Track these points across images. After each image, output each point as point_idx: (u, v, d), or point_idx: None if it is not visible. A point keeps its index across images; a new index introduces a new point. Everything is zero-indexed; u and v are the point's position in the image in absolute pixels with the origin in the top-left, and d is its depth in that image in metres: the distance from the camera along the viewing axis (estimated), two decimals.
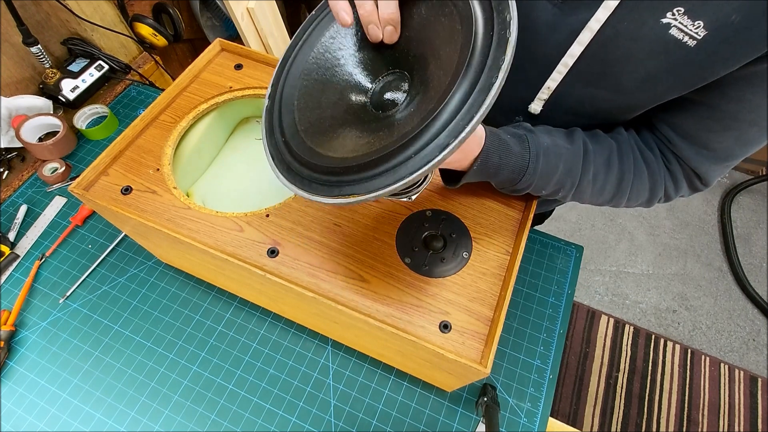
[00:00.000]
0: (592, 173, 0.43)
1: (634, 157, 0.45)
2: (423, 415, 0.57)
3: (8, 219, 0.71)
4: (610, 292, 1.56)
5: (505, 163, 0.41)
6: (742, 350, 1.45)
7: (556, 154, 0.42)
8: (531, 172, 0.41)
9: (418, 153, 0.29)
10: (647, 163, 0.45)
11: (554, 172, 0.42)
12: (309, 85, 0.38)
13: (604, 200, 0.46)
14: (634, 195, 0.46)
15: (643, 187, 0.45)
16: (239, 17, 1.21)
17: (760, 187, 1.81)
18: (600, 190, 0.45)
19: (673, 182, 0.46)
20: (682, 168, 0.45)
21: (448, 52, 0.31)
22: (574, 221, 1.73)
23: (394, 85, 0.37)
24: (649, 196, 0.46)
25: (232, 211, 0.49)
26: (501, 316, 0.41)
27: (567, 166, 0.42)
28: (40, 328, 0.62)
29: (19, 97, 0.79)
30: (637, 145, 0.46)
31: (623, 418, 1.32)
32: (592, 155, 0.43)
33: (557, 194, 0.45)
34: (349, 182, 0.31)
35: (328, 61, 0.38)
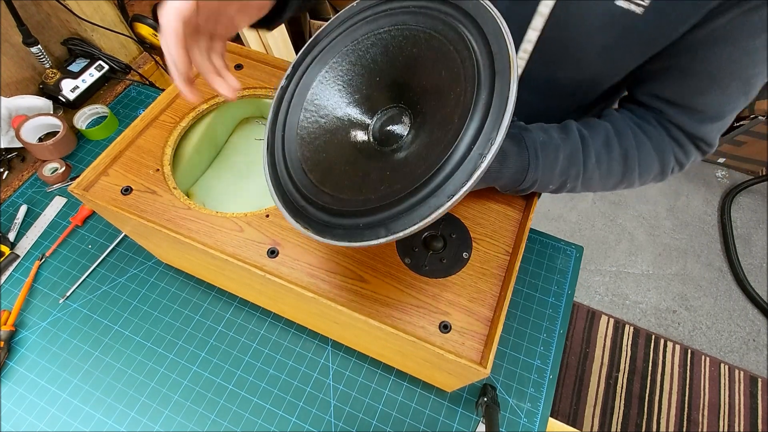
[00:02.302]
0: (594, 157, 0.43)
1: (632, 132, 0.45)
2: (423, 416, 0.57)
3: (8, 219, 0.71)
4: (610, 292, 1.56)
5: (505, 167, 0.41)
6: (742, 350, 1.45)
7: (554, 146, 0.42)
8: (533, 170, 0.41)
9: (438, 189, 0.29)
10: (648, 136, 0.45)
11: (556, 165, 0.42)
12: (310, 140, 0.38)
13: (616, 181, 0.46)
14: (644, 169, 0.45)
15: (651, 159, 0.45)
16: None
17: (760, 187, 1.81)
18: (607, 173, 0.44)
19: (681, 148, 0.45)
20: (684, 133, 0.45)
21: (450, 87, 0.32)
22: (574, 221, 1.73)
23: (395, 119, 0.37)
24: (660, 167, 0.46)
25: (232, 211, 0.49)
26: (501, 316, 0.41)
27: (568, 157, 0.42)
28: (40, 329, 0.62)
29: (19, 97, 0.79)
30: (632, 122, 0.46)
31: (623, 418, 1.32)
32: (590, 140, 0.43)
33: (565, 187, 0.45)
34: (370, 225, 0.31)
35: (322, 108, 0.39)
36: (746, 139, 1.70)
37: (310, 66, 0.39)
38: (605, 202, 1.78)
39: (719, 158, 1.86)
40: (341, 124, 0.38)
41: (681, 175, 1.85)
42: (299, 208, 0.35)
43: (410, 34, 0.35)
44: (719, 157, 1.85)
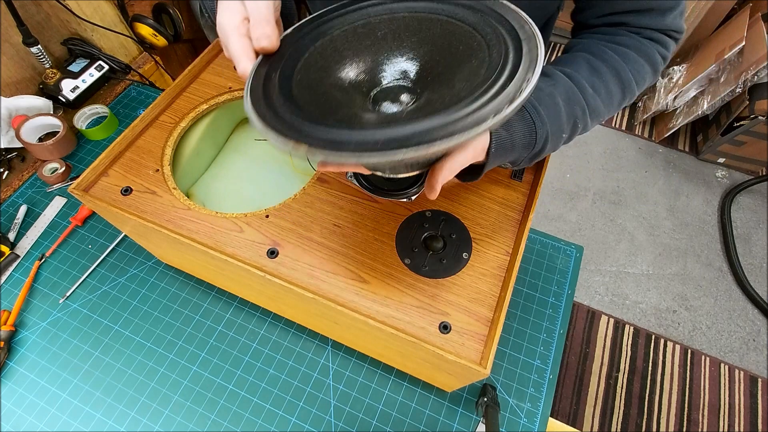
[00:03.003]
0: (590, 88, 0.43)
1: (610, 49, 0.45)
2: (423, 416, 0.57)
3: (8, 219, 0.71)
4: (610, 292, 1.56)
5: (514, 133, 0.40)
6: (742, 350, 1.45)
7: (548, 94, 0.41)
8: (540, 125, 0.40)
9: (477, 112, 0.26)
10: (626, 45, 0.45)
11: (559, 112, 0.41)
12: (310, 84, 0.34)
13: (619, 100, 0.46)
14: (639, 77, 0.45)
15: (640, 65, 0.45)
16: None
17: (760, 187, 1.81)
18: (608, 97, 0.44)
19: (658, 43, 0.46)
20: (653, 30, 0.46)
21: (471, 57, 0.31)
22: (574, 221, 1.73)
23: (399, 92, 0.35)
24: (652, 68, 0.46)
25: (231, 211, 0.49)
26: (501, 316, 0.41)
27: (566, 99, 0.42)
28: (40, 329, 0.62)
29: (19, 98, 0.79)
30: (604, 40, 0.46)
31: (623, 418, 1.32)
32: (577, 75, 0.43)
33: (577, 129, 0.44)
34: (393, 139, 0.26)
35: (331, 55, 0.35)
36: (746, 139, 1.70)
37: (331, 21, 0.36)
38: (605, 202, 1.78)
39: (719, 158, 1.86)
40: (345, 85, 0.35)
41: (681, 175, 1.85)
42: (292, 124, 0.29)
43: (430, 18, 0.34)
44: (719, 157, 1.85)
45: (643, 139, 1.97)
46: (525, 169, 0.54)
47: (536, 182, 0.51)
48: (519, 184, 0.53)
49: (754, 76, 1.51)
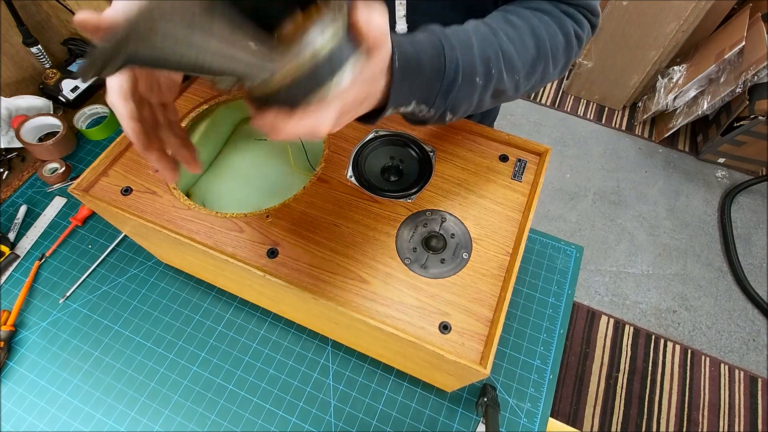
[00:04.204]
0: (503, 34, 0.41)
1: (528, 9, 0.45)
2: (423, 416, 0.57)
3: (8, 219, 0.71)
4: (610, 292, 1.56)
5: (420, 48, 0.36)
6: (742, 350, 1.45)
7: (462, 30, 0.40)
8: (449, 48, 0.37)
9: None
10: (542, 10, 0.45)
11: (471, 43, 0.39)
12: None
13: (533, 56, 0.43)
14: (553, 41, 0.44)
15: (554, 30, 0.45)
16: None
17: (760, 187, 1.81)
18: (523, 47, 0.42)
19: (575, 21, 0.46)
20: (571, 7, 0.46)
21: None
22: (574, 221, 1.73)
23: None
24: (565, 40, 0.45)
25: (231, 211, 0.49)
26: (501, 317, 0.41)
27: (480, 38, 0.40)
28: (40, 329, 0.62)
29: (19, 98, 0.79)
30: (524, 5, 0.46)
31: (623, 418, 1.32)
32: (490, 20, 0.42)
33: (491, 78, 0.40)
34: None
35: None
36: (746, 139, 1.70)
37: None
38: (605, 202, 1.78)
39: (719, 158, 1.86)
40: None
41: (681, 175, 1.85)
42: None
43: None
44: (719, 157, 1.85)
45: (643, 139, 1.97)
46: (525, 168, 0.54)
47: (536, 182, 0.51)
48: (519, 184, 0.53)
49: (754, 76, 1.51)
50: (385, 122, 0.55)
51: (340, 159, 0.52)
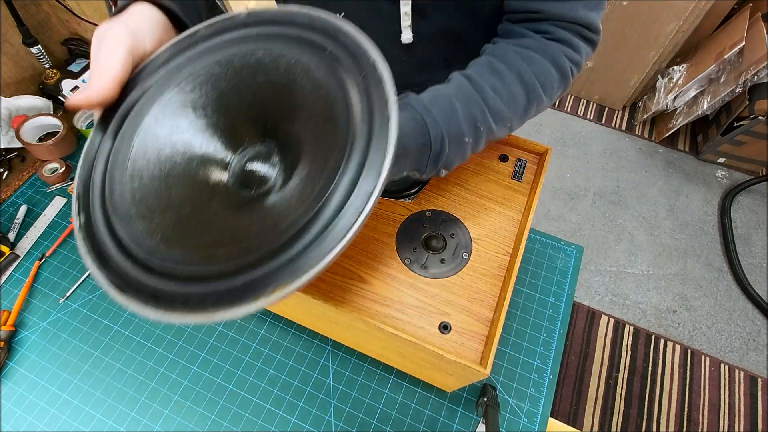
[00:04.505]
0: (490, 90, 0.41)
1: (515, 52, 0.43)
2: (423, 416, 0.57)
3: (8, 219, 0.71)
4: (610, 292, 1.56)
5: (403, 135, 0.35)
6: (742, 350, 1.45)
7: (443, 96, 0.39)
8: (432, 125, 0.37)
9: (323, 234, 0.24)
10: (532, 48, 0.43)
11: (455, 112, 0.39)
12: (147, 183, 0.29)
13: (524, 105, 0.43)
14: (545, 80, 0.43)
15: (545, 68, 0.43)
16: None
17: (760, 187, 1.81)
18: (511, 99, 0.42)
19: (569, 46, 0.44)
20: (565, 29, 0.43)
21: (325, 127, 0.27)
22: (574, 221, 1.73)
23: (261, 157, 0.30)
24: (559, 73, 0.44)
25: None
26: (501, 317, 0.41)
27: (464, 101, 0.39)
28: (40, 329, 0.62)
29: (19, 98, 0.79)
30: (511, 43, 0.44)
31: (623, 418, 1.32)
32: (477, 76, 0.41)
33: (480, 134, 0.40)
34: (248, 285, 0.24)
35: (166, 146, 0.30)
36: (746, 139, 1.70)
37: (151, 88, 0.31)
38: (605, 202, 1.78)
39: (719, 158, 1.86)
40: (189, 163, 0.30)
41: (681, 175, 1.85)
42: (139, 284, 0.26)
43: (279, 64, 0.29)
44: (719, 157, 1.85)
45: (643, 139, 1.97)
46: (525, 168, 0.54)
47: (536, 182, 0.51)
48: (519, 184, 0.53)
49: (754, 76, 1.51)
50: None
51: None
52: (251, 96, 0.30)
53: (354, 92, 0.27)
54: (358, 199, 0.24)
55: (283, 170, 0.30)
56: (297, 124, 0.29)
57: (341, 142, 0.26)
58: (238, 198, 0.30)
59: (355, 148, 0.25)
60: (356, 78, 0.27)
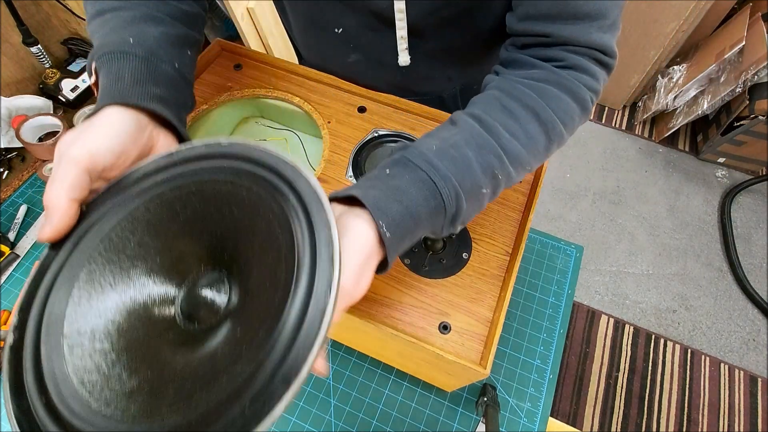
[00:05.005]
0: (506, 132, 0.36)
1: (525, 85, 0.38)
2: (423, 415, 0.57)
3: (8, 219, 0.71)
4: (610, 292, 1.56)
5: (411, 204, 0.31)
6: (742, 350, 1.45)
7: (451, 144, 0.35)
8: (443, 183, 0.33)
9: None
10: (543, 80, 0.39)
11: (468, 161, 0.34)
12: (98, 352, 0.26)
13: (544, 144, 0.38)
14: (565, 115, 0.38)
15: (563, 100, 0.38)
16: (239, 17, 1.21)
17: (760, 187, 1.81)
18: (529, 140, 0.37)
19: (585, 73, 0.39)
20: (577, 54, 0.39)
21: (270, 258, 0.26)
22: (574, 221, 1.73)
23: (211, 285, 0.29)
24: (579, 106, 0.39)
25: None
26: (501, 317, 0.41)
27: (474, 146, 0.35)
28: None
29: (19, 97, 0.79)
30: (519, 76, 0.40)
31: (623, 418, 1.32)
32: (487, 117, 0.37)
33: (499, 183, 0.36)
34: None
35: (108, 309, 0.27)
36: (746, 139, 1.70)
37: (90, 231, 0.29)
38: (605, 202, 1.78)
39: (719, 158, 1.86)
40: (132, 311, 0.28)
41: (681, 175, 1.85)
42: None
43: (218, 189, 0.28)
44: (719, 157, 1.85)
45: (643, 139, 1.97)
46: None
47: (536, 182, 0.51)
48: (519, 184, 0.53)
49: (754, 75, 1.51)
50: (385, 122, 0.56)
51: (340, 159, 0.52)
52: (194, 225, 0.29)
53: (296, 222, 0.26)
54: (305, 343, 0.22)
55: (229, 301, 0.28)
56: (241, 249, 0.28)
57: (287, 278, 0.24)
58: (184, 335, 0.28)
59: (301, 281, 0.24)
60: (294, 202, 0.26)
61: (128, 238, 0.28)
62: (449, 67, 0.58)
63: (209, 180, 0.29)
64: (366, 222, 0.30)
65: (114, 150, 0.30)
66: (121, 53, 0.34)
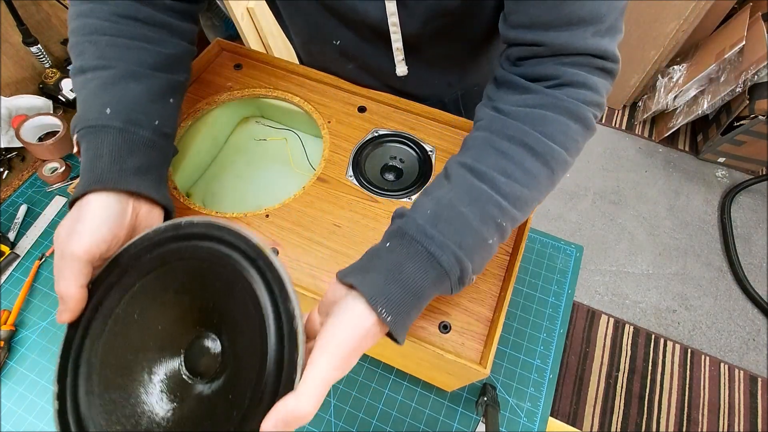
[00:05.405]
0: (500, 175, 0.34)
1: (516, 117, 0.36)
2: (423, 415, 0.57)
3: (8, 219, 0.71)
4: (610, 292, 1.56)
5: (412, 281, 0.31)
6: (742, 350, 1.45)
7: (446, 204, 0.34)
8: (441, 251, 0.32)
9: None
10: (538, 106, 0.36)
11: (466, 220, 0.33)
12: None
13: (547, 175, 0.36)
14: (566, 141, 0.36)
15: (563, 124, 0.36)
16: (239, 17, 1.21)
17: (760, 187, 1.81)
18: (529, 176, 0.35)
19: (584, 87, 0.36)
20: (574, 66, 0.36)
21: (248, 329, 0.30)
22: (574, 221, 1.73)
23: (206, 348, 0.34)
24: (581, 125, 0.36)
25: (231, 211, 0.49)
26: (501, 316, 0.41)
27: (471, 202, 0.34)
28: (40, 328, 0.62)
29: (19, 97, 0.79)
30: (509, 104, 0.37)
31: (623, 418, 1.32)
32: (479, 165, 0.35)
33: (505, 229, 0.35)
34: None
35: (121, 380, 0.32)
36: (746, 138, 1.70)
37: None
38: (605, 202, 1.78)
39: (719, 158, 1.86)
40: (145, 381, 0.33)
41: (681, 175, 1.85)
42: None
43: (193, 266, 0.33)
44: (719, 157, 1.85)
45: (643, 139, 1.97)
46: None
47: None
48: None
49: (754, 75, 1.51)
50: (385, 122, 0.56)
51: (340, 159, 0.52)
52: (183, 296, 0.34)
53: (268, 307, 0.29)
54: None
55: (222, 354, 0.33)
56: (225, 317, 0.32)
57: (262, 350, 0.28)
58: (189, 390, 0.33)
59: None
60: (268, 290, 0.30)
61: (131, 312, 0.33)
62: (448, 74, 0.59)
63: (191, 258, 0.33)
64: (364, 303, 0.31)
65: (106, 239, 0.34)
66: (100, 128, 0.36)
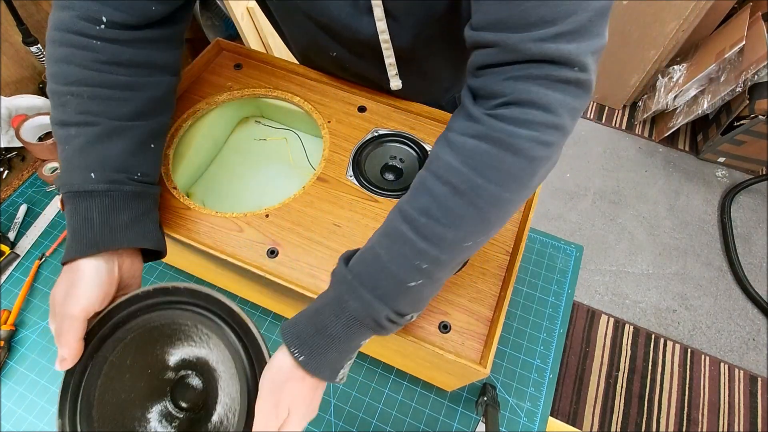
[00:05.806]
0: (420, 217, 0.33)
1: (451, 154, 0.33)
2: (423, 415, 0.57)
3: (8, 219, 0.71)
4: (610, 292, 1.56)
5: (321, 320, 0.34)
6: (742, 350, 1.45)
7: (369, 246, 0.35)
8: (349, 292, 0.33)
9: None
10: (477, 137, 0.33)
11: (380, 262, 0.33)
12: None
13: (473, 214, 0.33)
14: (496, 175, 0.32)
15: (493, 157, 0.32)
16: (239, 17, 1.21)
17: (760, 186, 1.81)
18: (451, 216, 0.33)
19: (533, 106, 0.31)
20: (528, 80, 0.31)
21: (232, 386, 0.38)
22: (574, 221, 1.73)
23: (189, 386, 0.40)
24: (517, 156, 0.32)
25: (231, 211, 0.49)
26: (501, 316, 0.41)
27: (389, 241, 0.34)
28: (40, 328, 0.62)
29: (19, 97, 0.79)
30: (457, 133, 0.34)
31: (623, 417, 1.32)
32: (406, 206, 0.34)
33: (428, 271, 0.33)
34: None
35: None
36: (746, 138, 1.70)
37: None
38: (605, 202, 1.78)
39: (719, 158, 1.86)
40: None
41: (681, 174, 1.85)
42: None
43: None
44: (719, 157, 1.85)
45: (643, 139, 1.97)
46: None
47: None
48: None
49: (754, 75, 1.51)
50: (385, 121, 0.56)
51: (340, 158, 0.52)
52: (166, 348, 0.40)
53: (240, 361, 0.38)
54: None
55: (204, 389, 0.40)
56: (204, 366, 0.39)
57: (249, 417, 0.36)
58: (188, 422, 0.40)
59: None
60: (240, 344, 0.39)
61: (124, 359, 0.39)
62: (443, 80, 0.60)
63: (172, 315, 0.39)
64: (284, 348, 0.36)
65: (99, 298, 0.38)
66: (85, 193, 0.39)
